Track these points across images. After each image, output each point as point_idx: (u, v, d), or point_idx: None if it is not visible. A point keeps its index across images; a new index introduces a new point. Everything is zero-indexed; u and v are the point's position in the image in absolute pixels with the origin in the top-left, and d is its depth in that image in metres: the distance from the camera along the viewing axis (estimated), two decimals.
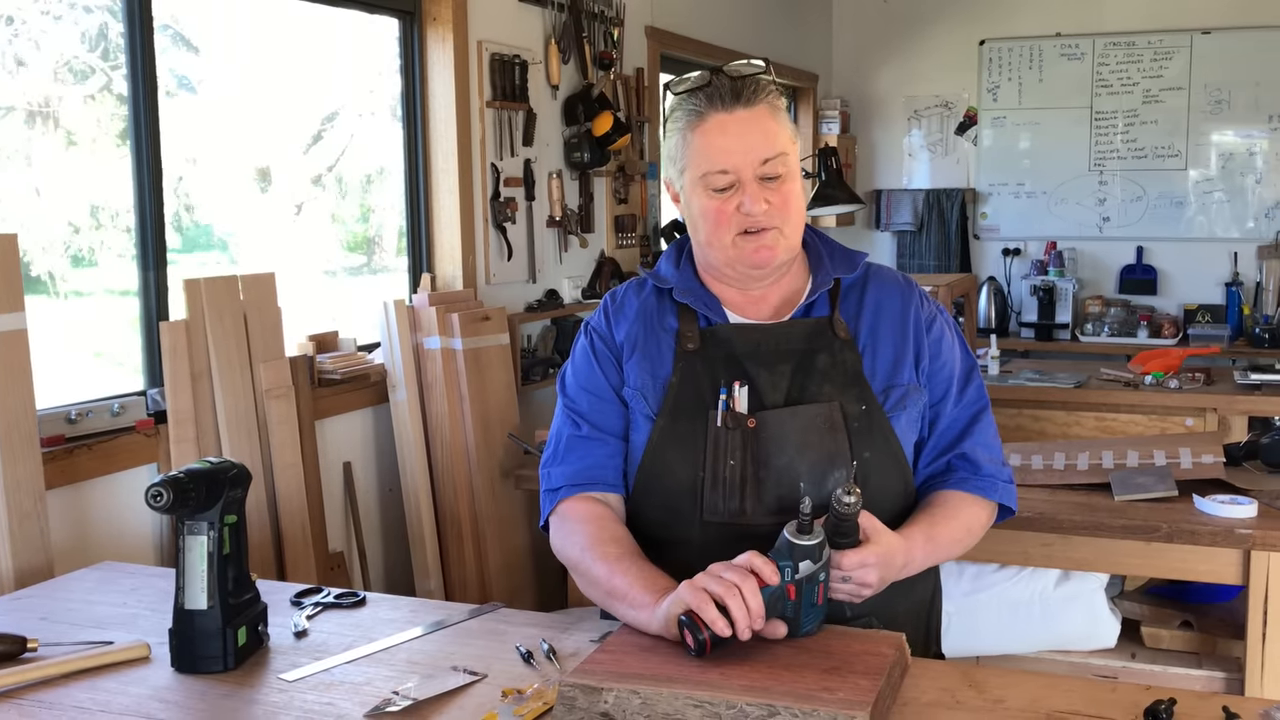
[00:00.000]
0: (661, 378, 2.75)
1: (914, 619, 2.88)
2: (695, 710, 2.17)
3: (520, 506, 5.93)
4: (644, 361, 2.78)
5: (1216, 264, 10.09)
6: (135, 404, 4.40)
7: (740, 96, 2.61)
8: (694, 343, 2.75)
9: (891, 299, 2.84)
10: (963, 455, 2.81)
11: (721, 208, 2.64)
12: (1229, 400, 6.22)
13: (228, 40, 5.17)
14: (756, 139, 2.61)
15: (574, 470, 2.80)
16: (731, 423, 2.66)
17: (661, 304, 2.85)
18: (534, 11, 6.56)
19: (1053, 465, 4.50)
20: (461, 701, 2.45)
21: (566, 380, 2.90)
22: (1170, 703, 2.30)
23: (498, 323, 5.87)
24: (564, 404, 2.88)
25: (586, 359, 2.87)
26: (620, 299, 2.91)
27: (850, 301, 2.82)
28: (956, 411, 2.84)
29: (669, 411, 2.72)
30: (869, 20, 10.96)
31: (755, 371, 2.71)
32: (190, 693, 2.53)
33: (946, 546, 2.74)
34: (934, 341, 2.83)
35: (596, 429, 2.81)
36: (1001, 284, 10.49)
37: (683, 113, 2.66)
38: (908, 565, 2.59)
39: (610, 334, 2.86)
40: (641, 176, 7.68)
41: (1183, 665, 4.35)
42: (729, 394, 2.68)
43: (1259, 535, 3.89)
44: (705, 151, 2.62)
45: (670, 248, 2.93)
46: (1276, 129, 9.83)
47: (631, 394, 2.78)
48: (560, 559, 2.82)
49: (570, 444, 2.83)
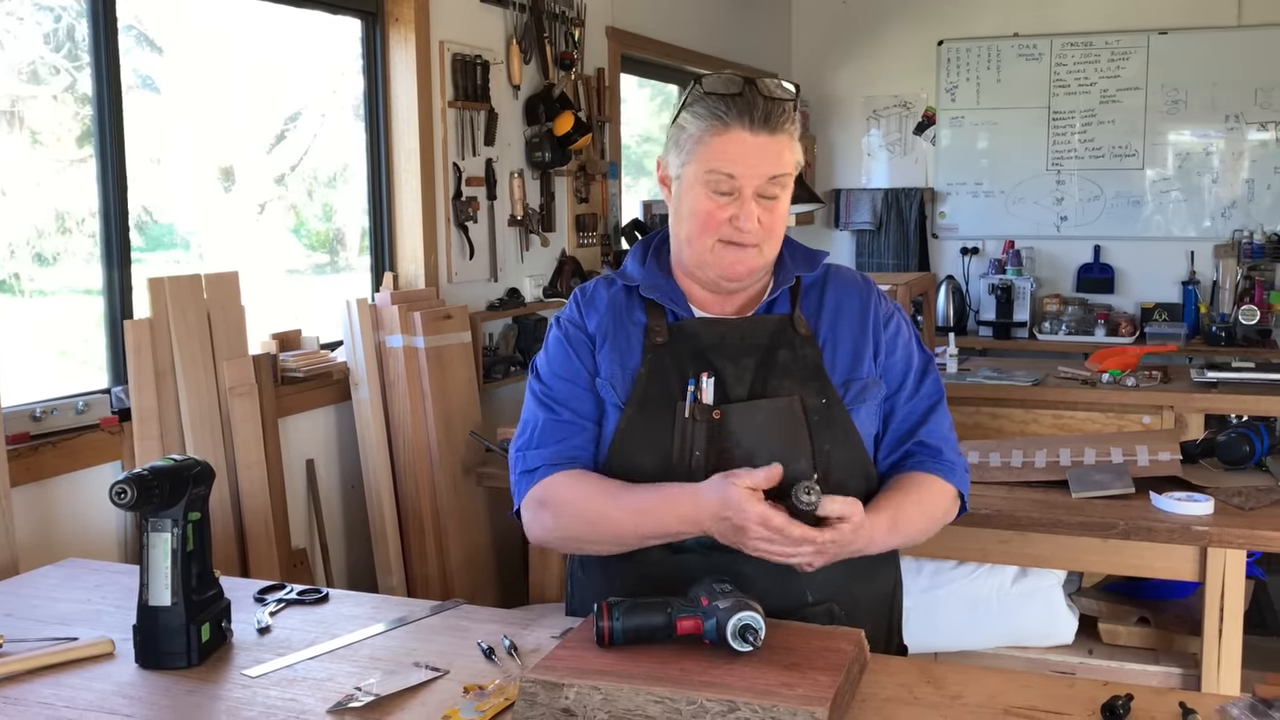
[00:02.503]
0: (630, 369, 2.77)
1: (876, 609, 2.90)
2: (656, 706, 2.19)
3: (482, 504, 5.93)
4: (614, 353, 2.79)
5: (1173, 263, 10.13)
6: (100, 402, 4.40)
7: (769, 121, 2.62)
8: (662, 336, 2.77)
9: (850, 297, 2.87)
10: (921, 442, 2.85)
11: (715, 212, 2.65)
12: (1185, 398, 6.23)
13: (191, 40, 5.17)
14: (770, 161, 2.62)
15: (553, 452, 2.78)
16: (699, 414, 2.68)
17: (630, 299, 2.86)
18: (495, 12, 6.57)
19: (1010, 463, 4.52)
20: (423, 697, 2.47)
21: (540, 369, 2.89)
22: (1127, 698, 2.33)
23: (459, 321, 5.88)
24: (539, 391, 2.87)
25: (561, 347, 2.87)
26: (590, 292, 2.92)
27: (810, 299, 2.86)
28: (913, 404, 2.87)
29: (637, 402, 2.74)
30: (828, 21, 10.97)
31: (721, 364, 2.74)
32: (154, 688, 2.55)
33: (910, 532, 2.75)
34: (890, 337, 2.87)
35: (575, 414, 2.81)
36: (960, 283, 10.52)
37: (706, 111, 2.64)
38: (869, 545, 2.60)
39: (583, 323, 2.87)
40: (602, 176, 7.69)
41: (1140, 661, 4.38)
42: (696, 385, 2.70)
43: (1215, 532, 3.93)
44: (719, 155, 2.62)
45: (635, 246, 2.95)
46: (1233, 129, 9.89)
47: (602, 384, 2.79)
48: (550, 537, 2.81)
49: (548, 428, 2.81)
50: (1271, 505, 4.12)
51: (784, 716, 2.13)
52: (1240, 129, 9.87)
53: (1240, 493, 4.19)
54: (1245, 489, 4.23)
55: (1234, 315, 9.34)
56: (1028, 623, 4.44)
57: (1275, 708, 2.28)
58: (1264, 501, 4.13)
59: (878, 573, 2.89)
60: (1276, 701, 2.30)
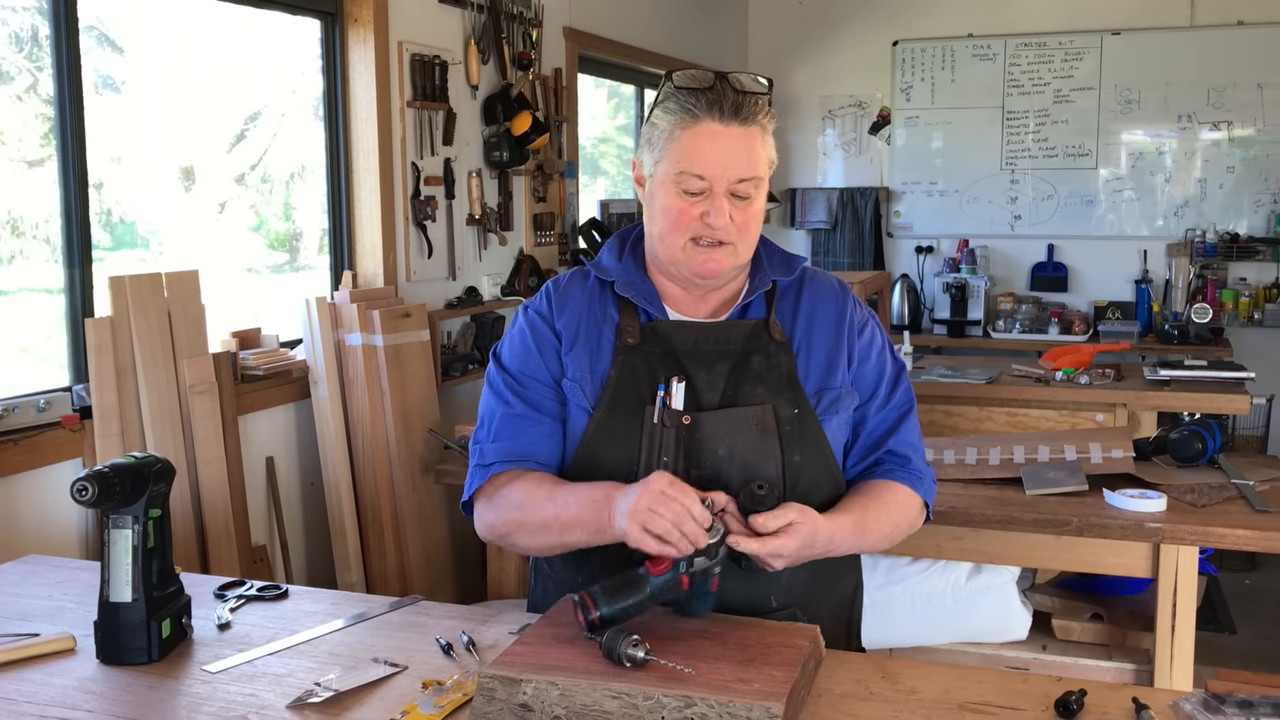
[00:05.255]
0: (600, 371, 2.75)
1: (836, 613, 2.91)
2: (613, 701, 2.20)
3: (440, 501, 5.96)
4: (583, 354, 2.78)
5: (1126, 261, 10.19)
6: (61, 399, 4.42)
7: (739, 113, 2.60)
8: (634, 337, 2.75)
9: (826, 303, 2.86)
10: (890, 451, 2.84)
11: (686, 210, 2.63)
12: (1138, 396, 6.27)
13: (152, 41, 5.17)
14: (741, 157, 2.62)
15: (508, 446, 2.77)
16: (668, 420, 2.67)
17: (604, 295, 2.84)
18: (453, 13, 6.58)
19: (965, 460, 4.54)
20: (382, 693, 2.48)
21: (503, 358, 2.88)
22: (1081, 694, 2.35)
23: (418, 319, 5.90)
24: (498, 382, 2.85)
25: (524, 340, 2.85)
26: (563, 287, 2.90)
27: (786, 304, 2.84)
28: (884, 413, 2.86)
29: (606, 405, 2.72)
30: (784, 21, 11.00)
31: (693, 370, 2.72)
32: (115, 684, 2.55)
33: (874, 538, 2.73)
34: (864, 345, 2.86)
35: (532, 408, 2.80)
36: (915, 281, 10.54)
37: (677, 106, 2.63)
38: (831, 547, 2.59)
39: (551, 319, 2.85)
40: (560, 175, 7.72)
41: (1093, 657, 4.41)
42: (666, 390, 2.69)
43: (1168, 529, 3.96)
44: (688, 153, 2.60)
45: (613, 239, 2.93)
46: (1186, 129, 9.94)
47: (570, 385, 2.77)
48: (491, 535, 2.81)
49: (504, 421, 2.80)
50: (1223, 502, 4.15)
51: (740, 712, 2.14)
52: (1193, 129, 9.92)
53: (1192, 490, 4.23)
54: (1197, 486, 4.27)
55: (1186, 314, 9.39)
56: (982, 619, 4.47)
57: (1228, 703, 2.30)
58: (1216, 498, 4.16)
59: (841, 577, 2.90)
60: (1229, 697, 2.32)
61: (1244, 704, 2.31)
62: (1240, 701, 2.31)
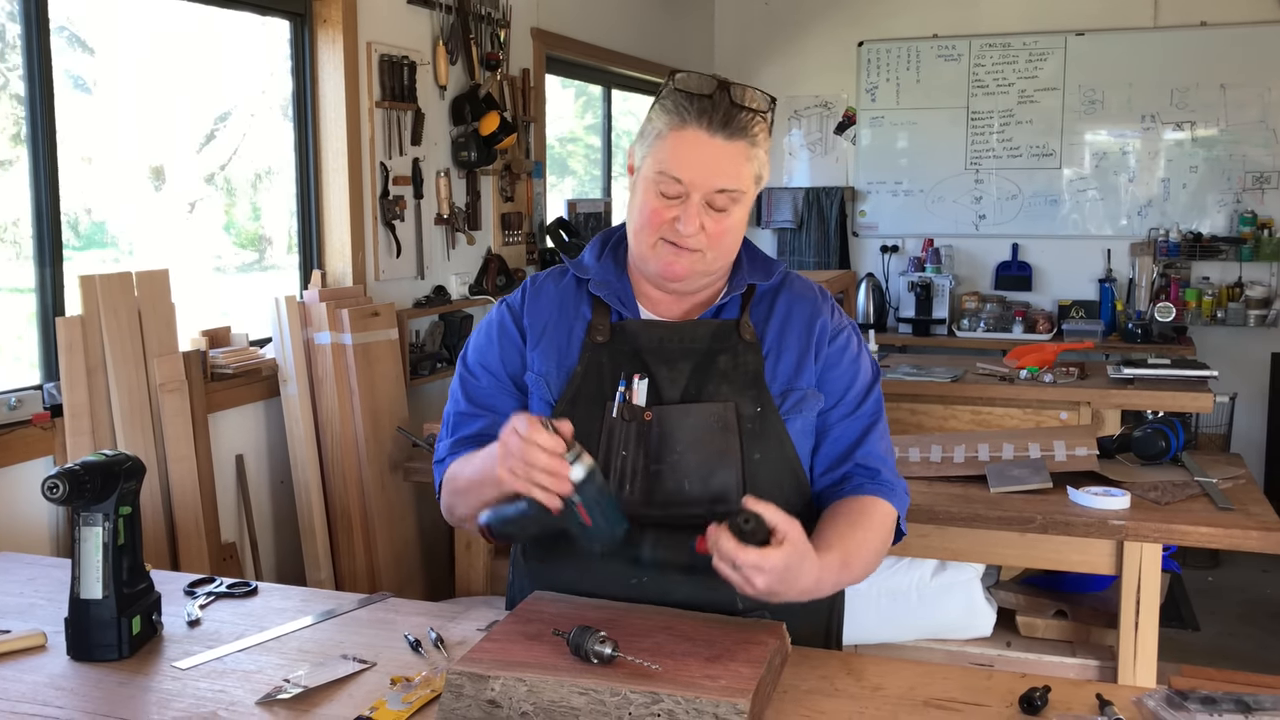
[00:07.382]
0: (567, 367, 2.76)
1: (813, 618, 2.88)
2: (580, 698, 2.21)
3: (409, 499, 5.97)
4: (550, 349, 2.79)
5: (1090, 261, 10.23)
6: (32, 398, 4.43)
7: (728, 126, 2.56)
8: (603, 335, 2.76)
9: (802, 306, 2.84)
10: (859, 464, 2.81)
11: (659, 211, 2.61)
12: (1102, 394, 6.30)
13: (123, 41, 5.17)
14: (723, 168, 2.58)
15: (459, 440, 2.82)
16: (628, 415, 2.68)
17: (579, 293, 2.85)
18: (422, 13, 6.59)
19: (930, 458, 4.57)
20: (351, 689, 2.49)
21: (469, 351, 2.91)
22: (1045, 690, 2.37)
23: (387, 318, 5.91)
24: (458, 378, 2.89)
25: (488, 332, 2.88)
26: (540, 283, 2.90)
27: (762, 306, 2.83)
28: (849, 422, 2.82)
29: (569, 399, 2.73)
30: (750, 22, 11.01)
31: (655, 367, 2.73)
32: (86, 680, 2.57)
33: (859, 569, 2.64)
34: (836, 350, 2.82)
35: (484, 407, 2.83)
36: (880, 280, 10.56)
37: (673, 105, 2.60)
38: (817, 588, 2.47)
39: (520, 315, 2.86)
40: (527, 175, 7.72)
41: (1057, 654, 4.44)
42: (627, 386, 2.70)
43: (1131, 526, 3.99)
44: (672, 156, 2.58)
45: (597, 238, 2.93)
46: (1149, 128, 9.98)
47: (534, 379, 2.79)
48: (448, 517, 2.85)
49: (459, 420, 2.85)
50: (1187, 500, 4.20)
51: (707, 708, 2.15)
52: (1156, 129, 9.96)
53: (1156, 487, 4.27)
54: (1161, 484, 4.31)
55: (1150, 312, 9.43)
56: (947, 615, 4.50)
57: (1190, 699, 2.32)
58: (1179, 496, 4.21)
59: None
60: (1192, 693, 2.34)
61: (1207, 700, 2.32)
62: (1203, 698, 2.33)
